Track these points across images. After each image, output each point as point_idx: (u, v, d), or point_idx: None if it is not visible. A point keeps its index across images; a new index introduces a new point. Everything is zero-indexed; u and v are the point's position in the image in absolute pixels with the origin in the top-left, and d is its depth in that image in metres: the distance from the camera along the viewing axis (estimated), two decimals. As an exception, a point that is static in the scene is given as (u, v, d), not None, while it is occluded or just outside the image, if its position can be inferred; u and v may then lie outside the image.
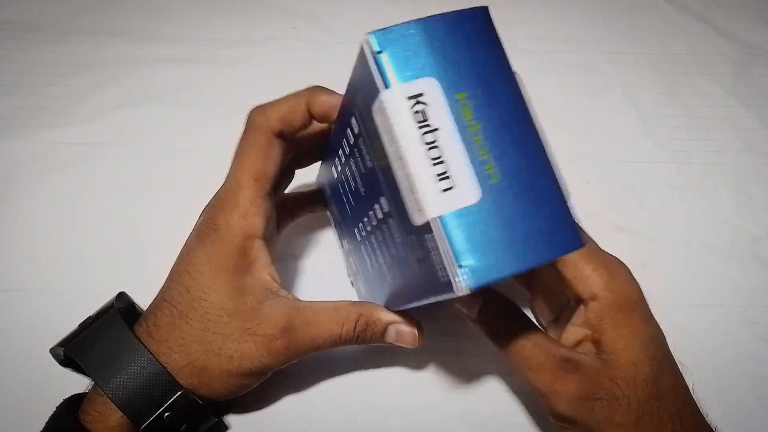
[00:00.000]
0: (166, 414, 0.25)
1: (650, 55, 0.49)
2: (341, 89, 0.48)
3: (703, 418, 0.26)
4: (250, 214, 0.27)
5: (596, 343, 0.25)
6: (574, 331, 0.26)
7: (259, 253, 0.27)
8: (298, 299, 0.27)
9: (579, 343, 0.26)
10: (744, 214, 0.40)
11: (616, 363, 0.24)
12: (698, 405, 0.26)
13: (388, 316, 0.27)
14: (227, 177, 0.28)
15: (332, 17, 0.50)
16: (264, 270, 0.27)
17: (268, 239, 0.28)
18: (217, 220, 0.27)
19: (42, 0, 0.50)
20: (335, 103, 0.25)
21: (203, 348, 0.26)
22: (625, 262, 0.37)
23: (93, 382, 0.26)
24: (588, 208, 0.40)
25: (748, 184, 0.41)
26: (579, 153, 0.43)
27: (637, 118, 0.45)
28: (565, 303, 0.28)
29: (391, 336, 0.27)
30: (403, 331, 0.27)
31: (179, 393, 0.25)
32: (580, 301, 0.26)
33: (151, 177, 0.40)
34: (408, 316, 0.27)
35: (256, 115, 0.28)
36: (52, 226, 0.38)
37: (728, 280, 0.37)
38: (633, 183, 0.41)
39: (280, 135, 0.27)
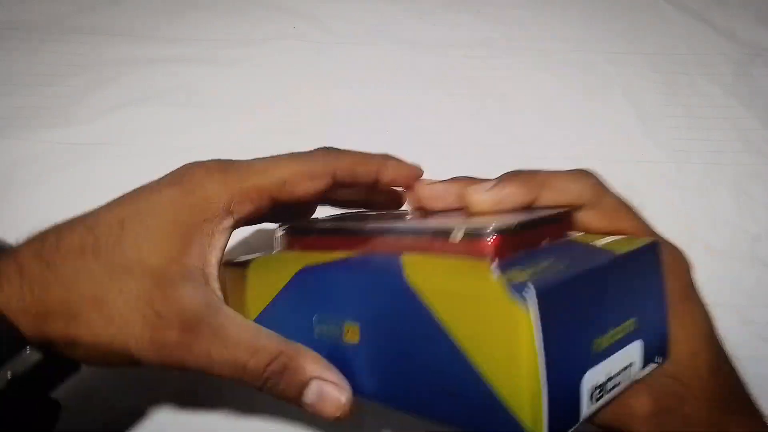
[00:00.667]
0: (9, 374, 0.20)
1: (650, 55, 0.49)
2: (340, 88, 0.48)
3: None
4: (246, 200, 0.22)
5: None
6: None
7: (224, 234, 0.23)
8: (227, 307, 0.22)
9: None
10: (744, 214, 0.40)
11: (675, 357, 0.22)
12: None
13: (317, 367, 0.21)
14: (270, 159, 0.23)
15: (332, 17, 0.50)
16: (215, 252, 0.22)
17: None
18: (200, 174, 0.22)
19: (42, 0, 0.50)
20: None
21: (93, 294, 0.20)
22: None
23: None
24: (588, 207, 0.40)
25: (748, 183, 0.41)
26: (579, 153, 0.43)
27: (637, 118, 0.45)
28: None
29: (311, 395, 0.21)
30: (327, 394, 0.20)
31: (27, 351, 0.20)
32: None
33: (151, 177, 0.40)
34: (339, 374, 0.21)
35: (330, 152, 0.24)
36: (52, 226, 0.38)
37: (728, 279, 0.37)
38: (633, 183, 0.41)
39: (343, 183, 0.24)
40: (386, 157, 0.25)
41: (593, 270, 0.17)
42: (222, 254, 0.23)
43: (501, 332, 0.15)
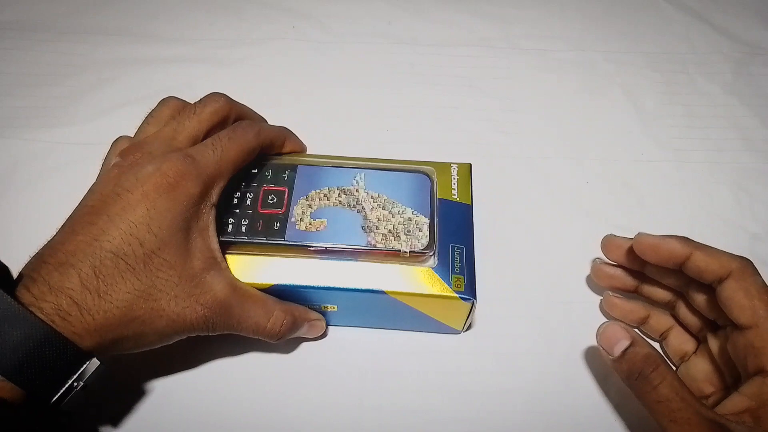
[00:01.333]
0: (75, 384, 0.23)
1: (650, 54, 0.49)
2: (340, 88, 0.48)
3: None
4: (217, 184, 0.28)
5: (756, 418, 0.25)
6: (737, 401, 0.26)
7: (211, 220, 0.28)
8: (235, 277, 0.28)
9: (739, 413, 0.25)
10: (744, 213, 0.40)
11: None
12: None
13: (307, 315, 0.31)
14: (213, 140, 0.28)
15: (332, 17, 0.50)
16: (213, 238, 0.28)
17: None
18: (182, 178, 0.26)
19: (42, 0, 0.50)
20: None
21: (148, 306, 0.25)
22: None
23: None
24: (588, 207, 0.40)
25: (748, 182, 0.41)
26: (579, 152, 0.43)
27: (636, 117, 0.45)
28: (736, 372, 0.28)
29: (303, 330, 0.31)
30: (315, 325, 0.31)
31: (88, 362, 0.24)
32: (760, 371, 0.26)
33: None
34: (317, 313, 0.31)
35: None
36: (52, 226, 0.38)
37: (728, 278, 0.37)
38: (633, 182, 0.41)
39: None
40: (287, 130, 0.35)
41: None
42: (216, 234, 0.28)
43: (453, 309, 0.31)
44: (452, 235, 0.31)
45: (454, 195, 0.33)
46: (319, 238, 0.30)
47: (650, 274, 0.32)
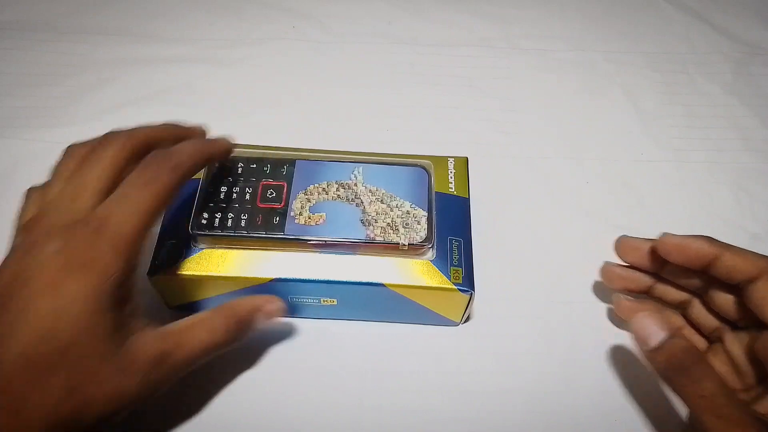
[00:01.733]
0: None
1: (649, 54, 0.49)
2: (340, 88, 0.48)
3: None
4: (137, 243, 0.24)
5: None
6: None
7: (133, 281, 0.24)
8: (158, 325, 0.25)
9: None
10: (744, 213, 0.40)
11: None
12: None
13: (253, 303, 0.28)
14: (120, 192, 0.24)
15: (332, 17, 0.50)
16: (132, 302, 0.25)
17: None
18: (91, 255, 0.23)
19: (41, 0, 0.50)
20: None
21: (75, 401, 0.22)
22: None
23: None
24: (588, 207, 0.40)
25: (748, 182, 0.41)
26: (579, 152, 0.43)
27: (636, 117, 0.45)
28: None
29: (260, 320, 0.28)
30: (269, 310, 0.29)
31: None
32: None
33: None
34: (263, 295, 0.29)
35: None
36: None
37: (728, 278, 0.37)
38: (633, 182, 0.41)
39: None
40: (204, 142, 0.30)
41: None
42: (136, 296, 0.25)
43: (451, 301, 0.31)
44: (450, 228, 0.31)
45: (451, 188, 0.33)
46: (319, 231, 0.30)
47: (668, 275, 0.32)
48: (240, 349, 0.33)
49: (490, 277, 0.35)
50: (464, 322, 0.34)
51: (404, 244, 0.30)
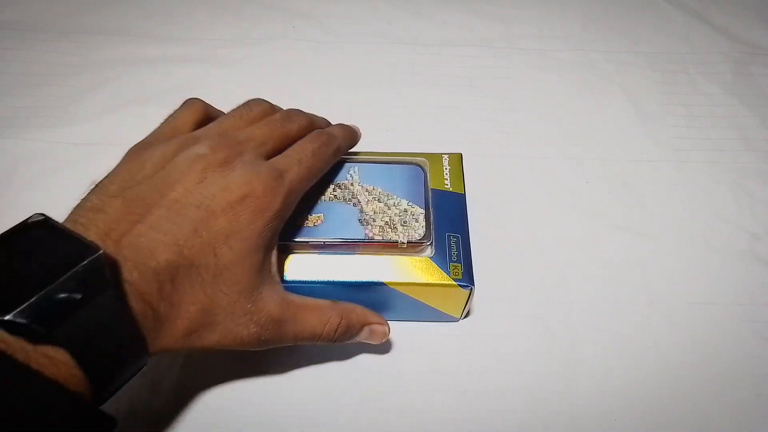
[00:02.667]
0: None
1: (650, 54, 0.49)
2: (340, 88, 0.48)
3: None
4: (295, 201, 0.27)
5: None
6: None
7: (277, 240, 0.27)
8: (286, 291, 0.28)
9: None
10: (744, 213, 0.40)
11: None
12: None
13: (366, 318, 0.30)
14: (299, 153, 0.28)
15: (331, 16, 0.50)
16: (275, 253, 0.27)
17: None
18: (269, 195, 0.26)
19: (41, 0, 0.50)
20: None
21: (205, 320, 0.24)
22: (624, 261, 0.37)
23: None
24: (588, 207, 0.40)
25: (748, 182, 0.41)
26: (579, 152, 0.43)
27: (636, 117, 0.45)
28: None
29: (363, 335, 0.30)
30: (376, 331, 0.30)
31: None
32: None
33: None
34: (379, 315, 0.30)
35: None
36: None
37: (728, 278, 0.37)
38: (633, 182, 0.41)
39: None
40: (355, 135, 0.34)
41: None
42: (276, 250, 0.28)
43: (452, 297, 0.31)
44: (447, 224, 0.32)
45: (447, 185, 0.33)
46: (317, 233, 0.30)
47: None
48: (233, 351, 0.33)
49: (490, 277, 0.35)
50: (464, 317, 0.34)
51: (403, 242, 0.30)
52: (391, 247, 0.30)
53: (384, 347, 0.33)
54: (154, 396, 0.31)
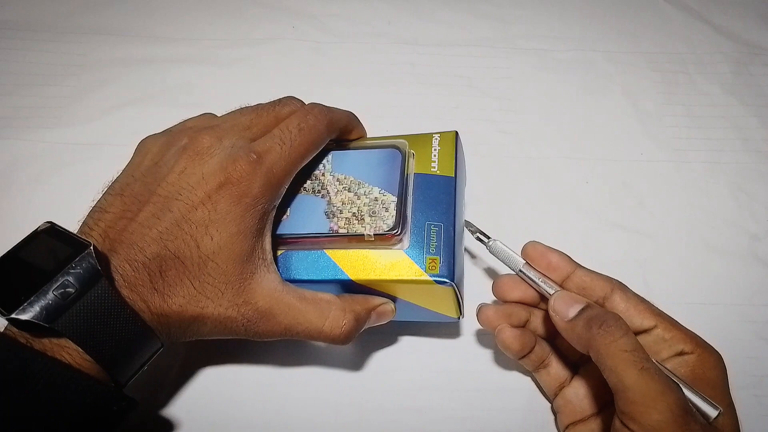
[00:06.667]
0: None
1: (649, 54, 0.49)
2: (340, 88, 0.48)
3: None
4: (282, 185, 0.27)
5: None
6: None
7: (270, 221, 0.27)
8: (284, 282, 0.27)
9: None
10: (743, 213, 0.40)
11: None
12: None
13: (370, 303, 0.28)
14: (282, 130, 0.27)
15: (332, 17, 0.50)
16: (268, 240, 0.27)
17: None
18: (246, 180, 0.25)
19: (41, 0, 0.50)
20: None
21: (195, 311, 0.25)
22: (624, 261, 0.37)
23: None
24: (588, 206, 0.40)
25: (747, 182, 0.41)
26: (579, 152, 0.43)
27: (636, 117, 0.45)
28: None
29: (372, 321, 0.29)
30: (384, 312, 0.29)
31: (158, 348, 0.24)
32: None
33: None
34: (378, 297, 0.29)
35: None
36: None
37: (727, 278, 0.37)
38: (632, 182, 0.41)
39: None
40: (354, 117, 0.33)
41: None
42: (269, 236, 0.27)
43: (434, 294, 0.28)
44: (430, 212, 0.29)
45: (434, 168, 0.30)
46: (283, 228, 0.29)
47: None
48: (237, 349, 0.33)
49: (490, 277, 0.35)
50: (464, 317, 0.32)
51: (369, 235, 0.28)
52: (357, 240, 0.28)
53: (384, 347, 0.33)
54: (154, 396, 0.31)
